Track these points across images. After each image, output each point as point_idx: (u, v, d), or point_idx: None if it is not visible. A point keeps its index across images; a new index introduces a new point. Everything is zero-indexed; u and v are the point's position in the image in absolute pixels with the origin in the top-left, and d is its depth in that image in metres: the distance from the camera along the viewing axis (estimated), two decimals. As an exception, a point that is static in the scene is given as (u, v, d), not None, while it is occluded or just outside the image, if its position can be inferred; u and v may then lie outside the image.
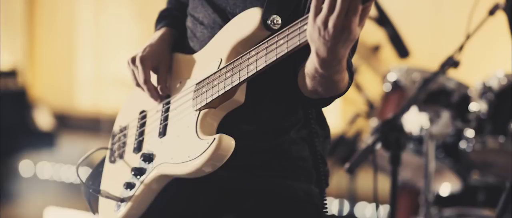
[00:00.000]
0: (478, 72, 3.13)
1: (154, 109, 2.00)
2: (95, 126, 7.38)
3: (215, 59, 1.86)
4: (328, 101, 1.82)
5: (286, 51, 1.66)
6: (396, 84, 3.14)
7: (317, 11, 1.56)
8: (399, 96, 3.10)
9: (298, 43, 1.63)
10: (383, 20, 3.09)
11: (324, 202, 1.94)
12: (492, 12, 2.77)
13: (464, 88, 3.05)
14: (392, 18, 3.19)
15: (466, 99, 2.99)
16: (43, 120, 6.95)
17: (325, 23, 1.54)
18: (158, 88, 1.97)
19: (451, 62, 2.65)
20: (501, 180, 3.21)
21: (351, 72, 1.79)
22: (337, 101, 3.56)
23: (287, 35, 1.66)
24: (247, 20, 1.82)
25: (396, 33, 3.11)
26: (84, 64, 7.61)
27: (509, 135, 2.87)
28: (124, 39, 7.20)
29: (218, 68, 1.83)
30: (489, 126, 2.92)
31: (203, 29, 1.95)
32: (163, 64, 1.99)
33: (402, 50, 3.13)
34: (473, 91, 2.96)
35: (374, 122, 3.17)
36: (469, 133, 2.93)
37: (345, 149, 3.48)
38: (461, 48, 2.69)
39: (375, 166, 2.75)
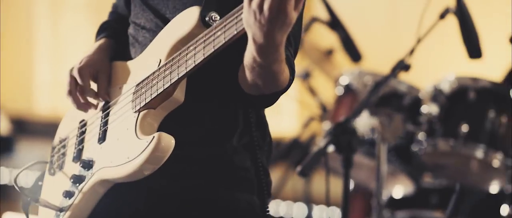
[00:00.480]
0: (432, 75, 3.16)
1: (94, 116, 1.98)
2: (54, 131, 7.27)
3: (154, 60, 1.84)
4: (270, 99, 1.79)
5: (223, 41, 1.65)
6: (348, 88, 3.16)
7: None
8: (351, 99, 3.12)
9: (235, 32, 1.63)
10: (335, 24, 3.10)
11: (267, 213, 1.93)
12: (442, 16, 2.81)
13: (415, 91, 3.08)
14: (345, 21, 3.21)
15: (418, 102, 3.02)
16: (1, 125, 6.88)
17: (260, 6, 1.55)
18: (99, 95, 1.96)
19: (402, 66, 2.68)
20: (453, 182, 3.25)
21: (292, 69, 1.79)
22: (292, 105, 3.57)
23: (225, 25, 1.65)
24: (186, 19, 1.81)
25: (348, 37, 3.13)
26: (42, 69, 7.54)
27: (460, 138, 2.90)
28: (82, 44, 7.15)
29: (158, 67, 1.82)
30: (440, 128, 2.95)
31: (145, 33, 1.93)
32: (101, 72, 1.98)
33: (354, 54, 3.15)
34: (425, 94, 2.98)
35: (327, 125, 3.18)
36: (421, 135, 2.96)
37: (299, 152, 3.49)
38: (412, 51, 2.72)
39: (327, 169, 2.77)
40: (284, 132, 3.66)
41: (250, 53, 1.65)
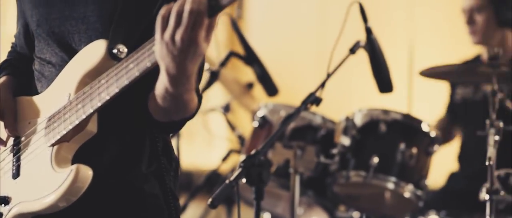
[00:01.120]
0: (350, 107, 3.22)
1: (4, 153, 1.98)
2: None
3: (64, 94, 1.85)
4: (178, 124, 1.85)
5: (137, 74, 1.68)
6: (264, 121, 3.20)
7: (164, 27, 1.60)
8: (267, 132, 3.16)
9: (149, 64, 1.66)
10: (250, 58, 3.15)
11: None
12: (352, 50, 2.87)
13: (330, 124, 3.13)
14: (260, 56, 3.26)
15: (332, 135, 3.07)
16: None
17: (173, 37, 1.59)
18: (6, 132, 1.96)
19: (313, 100, 2.72)
20: (366, 213, 3.30)
21: (200, 96, 1.83)
22: (212, 139, 3.57)
23: (137, 58, 1.68)
24: (92, 52, 1.84)
25: (264, 72, 3.18)
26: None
27: (371, 169, 2.96)
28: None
29: (69, 101, 1.84)
30: (352, 160, 3.01)
31: (51, 68, 1.94)
32: (7, 109, 1.98)
33: (270, 89, 3.20)
34: (338, 127, 3.04)
35: (243, 158, 3.21)
36: (334, 167, 3.01)
37: (218, 184, 3.51)
38: (322, 85, 2.76)
39: (239, 201, 2.80)
40: (204, 164, 3.69)
41: (162, 84, 1.69)
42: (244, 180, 2.63)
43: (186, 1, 1.57)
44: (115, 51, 1.80)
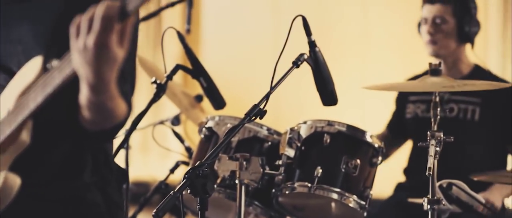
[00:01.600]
0: (299, 119, 3.25)
1: None
2: None
3: (4, 111, 1.89)
4: (111, 133, 1.88)
5: (59, 82, 1.72)
6: (210, 133, 3.23)
7: (77, 34, 1.63)
8: (214, 144, 3.19)
9: (69, 72, 1.70)
10: (197, 72, 3.18)
11: None
12: (296, 63, 2.91)
13: (276, 135, 3.17)
14: (214, 69, 3.29)
15: (278, 147, 3.10)
16: None
17: (84, 44, 1.61)
18: None
19: (257, 112, 2.75)
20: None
21: (129, 103, 1.86)
22: (161, 151, 3.57)
23: (60, 67, 1.73)
24: (30, 69, 1.88)
25: (211, 85, 3.20)
26: None
27: (316, 181, 3.00)
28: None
29: (7, 114, 1.87)
30: (297, 171, 3.05)
31: None
32: None
33: (217, 102, 3.23)
34: (283, 139, 3.08)
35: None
36: (279, 179, 3.04)
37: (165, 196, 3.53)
38: (267, 97, 2.79)
39: (183, 212, 2.83)
40: (161, 176, 3.71)
41: (84, 93, 1.72)
42: (188, 191, 2.66)
43: (97, 7, 1.61)
44: (49, 66, 1.83)
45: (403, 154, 4.07)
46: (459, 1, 3.63)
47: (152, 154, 7.52)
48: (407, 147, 4.00)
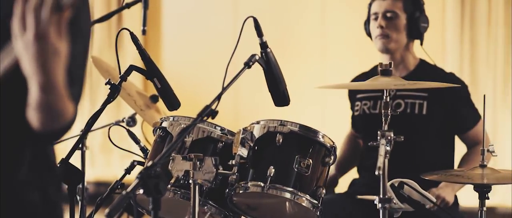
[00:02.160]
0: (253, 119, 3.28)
1: None
2: None
3: None
4: (58, 134, 1.88)
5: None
6: (165, 133, 3.25)
7: (18, 32, 1.65)
8: (168, 144, 3.20)
9: (8, 64, 1.71)
10: (151, 73, 3.20)
11: None
12: (247, 64, 2.94)
13: (230, 135, 3.19)
14: (167, 71, 3.31)
15: (231, 147, 3.13)
16: None
17: (25, 36, 1.63)
18: None
19: (208, 112, 2.77)
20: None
21: (77, 106, 1.87)
22: (122, 151, 3.57)
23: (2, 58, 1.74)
24: None
25: (165, 86, 3.22)
26: None
27: (269, 180, 3.03)
28: None
29: None
30: (250, 171, 3.08)
31: None
32: None
33: (171, 103, 3.25)
34: (236, 139, 3.10)
35: (144, 170, 3.24)
36: (232, 178, 3.07)
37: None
38: (218, 98, 2.82)
39: (137, 212, 2.86)
40: (114, 177, 3.73)
41: (32, 92, 1.73)
42: (141, 191, 2.67)
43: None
44: None
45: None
46: None
47: (113, 154, 7.53)
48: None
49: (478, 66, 6.45)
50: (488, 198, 3.30)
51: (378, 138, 2.87)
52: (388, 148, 2.87)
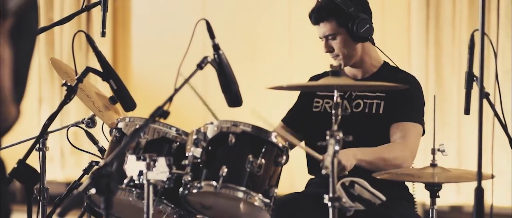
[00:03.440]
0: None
1: None
2: None
3: None
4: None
5: None
6: (121, 134, 3.30)
7: None
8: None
9: None
10: (107, 75, 3.24)
11: None
12: (200, 65, 3.01)
13: (185, 136, 3.25)
14: (136, 73, 3.36)
15: (185, 147, 3.18)
16: None
17: None
18: None
19: (160, 113, 2.83)
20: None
21: (19, 108, 1.91)
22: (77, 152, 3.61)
23: None
24: None
25: (121, 87, 3.27)
26: None
27: (221, 180, 3.08)
28: None
29: None
30: (203, 171, 3.14)
31: None
32: None
33: (127, 104, 3.30)
34: (189, 139, 3.15)
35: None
36: (186, 178, 3.12)
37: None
38: (170, 99, 2.88)
39: (89, 211, 2.91)
40: (75, 177, 3.77)
41: None
42: (93, 191, 2.72)
43: None
44: None
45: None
46: (337, 12, 3.69)
47: (84, 155, 7.56)
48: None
49: (443, 67, 6.54)
50: (438, 196, 3.38)
51: (327, 137, 2.92)
52: (337, 148, 2.92)
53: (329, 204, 2.96)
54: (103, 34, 3.61)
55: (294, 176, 5.55)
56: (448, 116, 6.54)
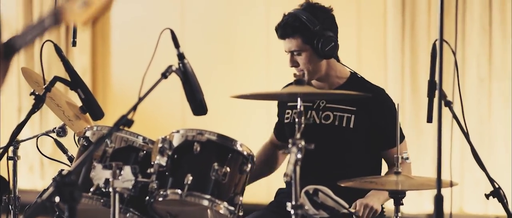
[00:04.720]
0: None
1: None
2: None
3: None
4: None
5: None
6: (88, 142, 3.34)
7: None
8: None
9: None
10: (75, 84, 3.28)
11: None
12: (164, 74, 3.05)
13: (152, 144, 3.29)
14: (115, 82, 3.41)
15: (151, 155, 3.22)
16: None
17: None
18: None
19: (124, 122, 2.87)
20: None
21: None
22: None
23: None
24: None
25: (89, 97, 3.31)
26: None
27: (186, 188, 3.13)
28: None
29: None
30: (169, 179, 3.18)
31: None
32: None
33: (95, 113, 3.34)
34: (154, 147, 3.19)
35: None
36: (152, 186, 3.16)
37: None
38: (135, 108, 2.91)
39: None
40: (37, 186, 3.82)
41: None
42: (57, 199, 2.75)
43: None
44: None
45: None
46: (303, 29, 3.70)
47: (55, 165, 7.56)
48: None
49: (419, 74, 6.58)
50: (402, 204, 3.42)
51: (289, 145, 2.96)
52: (299, 156, 2.96)
53: (292, 211, 3.01)
54: (74, 43, 3.65)
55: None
56: (423, 123, 6.58)
